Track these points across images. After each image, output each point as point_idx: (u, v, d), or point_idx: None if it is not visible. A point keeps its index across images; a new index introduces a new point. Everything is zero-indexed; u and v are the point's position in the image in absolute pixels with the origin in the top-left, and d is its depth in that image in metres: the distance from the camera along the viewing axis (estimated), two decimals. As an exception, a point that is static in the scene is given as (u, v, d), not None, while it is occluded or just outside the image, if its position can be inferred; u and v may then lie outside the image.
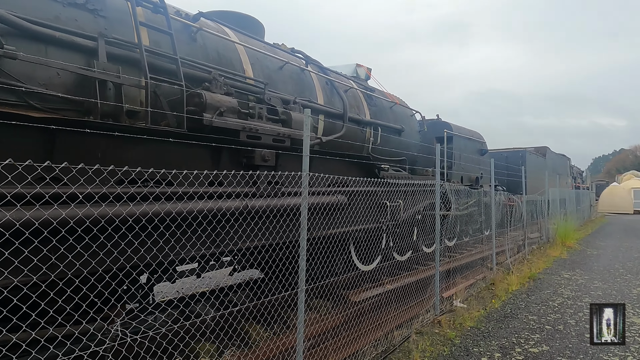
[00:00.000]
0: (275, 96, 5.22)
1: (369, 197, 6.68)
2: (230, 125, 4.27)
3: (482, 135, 13.69)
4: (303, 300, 3.53)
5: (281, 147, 4.97)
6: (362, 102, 7.37)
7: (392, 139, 8.01)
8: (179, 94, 4.13)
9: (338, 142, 6.52)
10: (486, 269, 8.50)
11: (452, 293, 6.86)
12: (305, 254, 3.53)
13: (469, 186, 11.43)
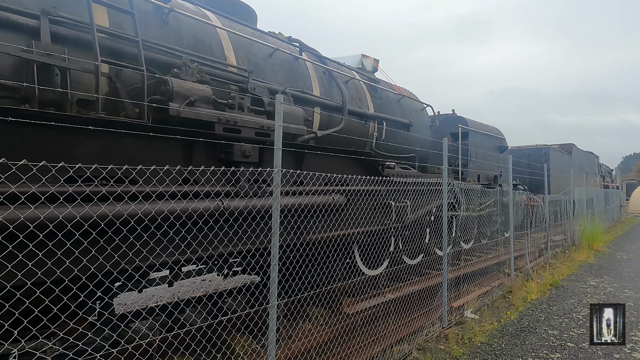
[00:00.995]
0: (261, 86, 4.74)
1: (371, 197, 6.13)
2: (203, 116, 3.81)
3: (502, 132, 12.91)
4: (274, 317, 3.03)
5: (266, 142, 4.49)
6: (365, 94, 6.82)
7: (400, 134, 7.43)
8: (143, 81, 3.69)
9: (336, 137, 5.99)
10: (503, 275, 7.82)
11: (463, 302, 6.25)
12: (277, 264, 3.03)
13: (487, 185, 10.72)
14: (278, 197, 3.05)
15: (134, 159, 3.35)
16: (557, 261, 10.29)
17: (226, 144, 4.12)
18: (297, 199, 4.76)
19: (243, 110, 4.31)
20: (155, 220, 3.32)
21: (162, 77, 3.61)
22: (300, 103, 5.35)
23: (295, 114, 4.82)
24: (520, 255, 9.25)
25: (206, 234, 3.78)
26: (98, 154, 3.15)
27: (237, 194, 4.13)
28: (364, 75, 7.23)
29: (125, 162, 2.97)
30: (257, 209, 4.19)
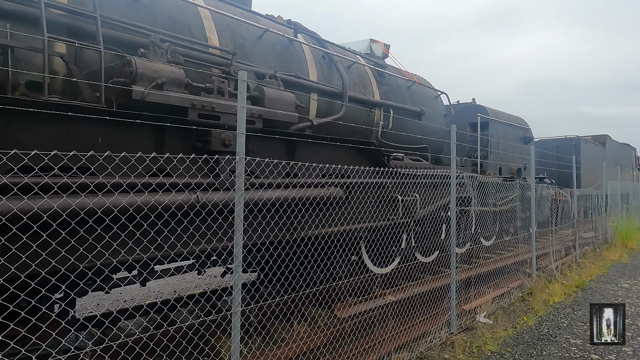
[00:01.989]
0: (246, 69, 4.36)
1: (375, 190, 5.68)
2: (173, 100, 3.46)
3: (528, 122, 12.13)
4: (238, 326, 2.66)
5: (250, 130, 4.11)
6: (370, 80, 6.34)
7: (409, 123, 6.92)
8: (108, 62, 3.38)
9: (337, 126, 5.56)
10: (523, 275, 7.22)
11: (476, 305, 5.73)
12: (240, 266, 2.65)
13: (509, 179, 10.04)
14: (242, 188, 2.66)
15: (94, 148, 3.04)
16: (586, 260, 9.54)
17: (204, 132, 3.78)
18: (288, 192, 4.38)
19: (223, 95, 3.95)
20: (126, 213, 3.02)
21: (125, 56, 3.28)
22: (294, 88, 4.94)
23: (285, 99, 4.43)
24: (545, 253, 8.59)
25: (184, 229, 3.46)
26: (48, 142, 2.85)
27: (218, 187, 3.79)
28: (370, 60, 6.75)
29: (82, 152, 2.65)
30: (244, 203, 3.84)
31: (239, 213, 2.65)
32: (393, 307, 4.81)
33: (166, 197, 3.28)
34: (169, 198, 3.35)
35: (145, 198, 3.19)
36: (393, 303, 4.77)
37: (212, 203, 3.63)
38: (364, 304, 4.46)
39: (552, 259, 8.04)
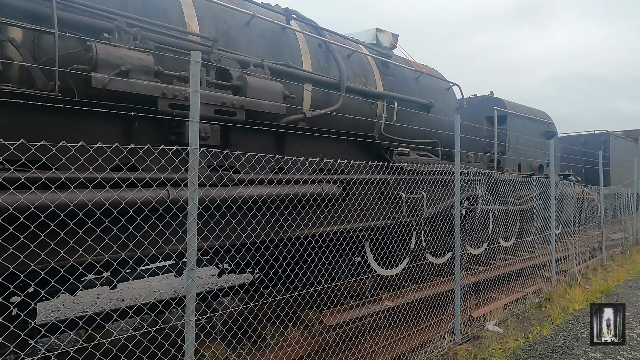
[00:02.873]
0: (228, 57, 4.07)
1: (376, 187, 5.32)
2: (139, 88, 3.20)
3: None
4: (192, 337, 2.37)
5: (231, 121, 3.83)
6: (372, 70, 5.96)
7: (417, 116, 6.51)
8: (70, 48, 3.15)
9: (334, 118, 5.22)
10: (541, 279, 6.70)
11: (486, 312, 5.29)
12: (194, 271, 2.36)
13: (530, 175, 9.44)
14: (194, 183, 2.37)
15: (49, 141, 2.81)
16: (613, 263, 8.89)
17: (177, 123, 3.50)
18: (272, 188, 4.07)
19: (201, 84, 3.66)
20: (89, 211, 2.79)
21: (86, 40, 3.03)
22: (285, 78, 4.63)
23: (271, 89, 4.12)
24: (566, 255, 8.00)
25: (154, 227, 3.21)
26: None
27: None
28: (374, 50, 6.37)
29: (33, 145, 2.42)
30: (221, 199, 3.57)
31: (192, 211, 2.36)
32: (390, 314, 4.44)
33: (130, 192, 3.03)
34: (134, 193, 3.09)
35: (106, 194, 2.95)
36: (390, 309, 4.40)
37: (184, 199, 3.36)
38: (356, 310, 4.11)
39: (574, 262, 7.47)
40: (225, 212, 3.65)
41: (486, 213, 8.60)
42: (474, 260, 8.37)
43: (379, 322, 4.21)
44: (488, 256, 8.66)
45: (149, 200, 3.20)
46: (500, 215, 9.29)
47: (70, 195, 2.79)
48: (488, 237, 8.93)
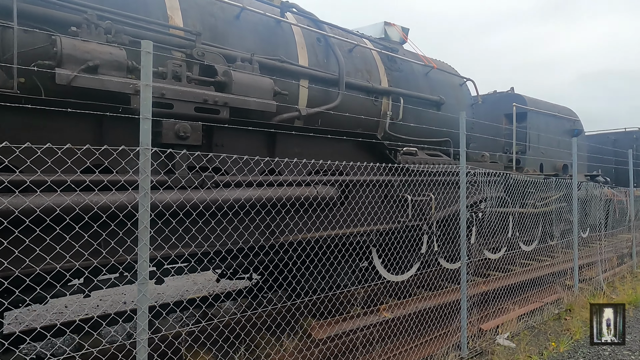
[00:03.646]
0: (213, 52, 3.85)
1: (378, 189, 5.01)
2: (109, 85, 3.01)
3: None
4: (144, 357, 2.14)
5: (215, 119, 3.61)
6: (376, 65, 5.64)
7: (426, 114, 6.14)
8: (38, 43, 2.99)
9: (333, 117, 4.94)
10: (562, 288, 6.23)
11: (498, 324, 4.90)
12: (145, 284, 2.13)
13: (553, 176, 8.89)
14: (146, 187, 2.14)
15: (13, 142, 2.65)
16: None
17: (155, 123, 3.29)
18: (265, 191, 3.83)
19: (180, 81, 3.46)
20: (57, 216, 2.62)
21: (50, 34, 2.86)
22: (278, 74, 4.39)
23: (259, 85, 3.87)
24: (592, 262, 7.45)
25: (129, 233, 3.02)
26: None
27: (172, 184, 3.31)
28: (379, 44, 6.04)
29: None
30: (204, 203, 3.35)
31: (143, 218, 2.13)
32: (390, 326, 4.12)
33: (103, 196, 2.84)
34: (108, 197, 2.90)
35: (76, 197, 2.77)
36: (389, 321, 4.08)
37: (163, 204, 3.15)
38: (350, 322, 3.81)
39: (600, 269, 6.93)
40: (209, 218, 3.45)
41: (505, 216, 8.14)
42: (491, 266, 7.93)
43: (376, 335, 3.90)
44: (507, 261, 8.20)
45: (123, 205, 3.01)
46: (521, 218, 8.80)
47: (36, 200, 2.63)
48: (507, 241, 8.46)
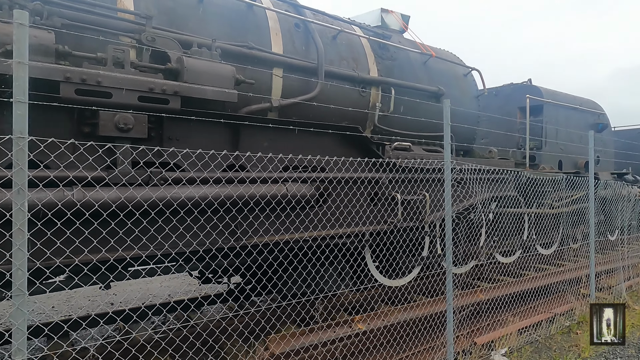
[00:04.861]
0: (166, 36, 3.54)
1: (362, 187, 4.59)
2: (32, 71, 2.72)
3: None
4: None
5: (163, 110, 3.29)
6: (365, 53, 5.21)
7: (422, 106, 5.66)
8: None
9: (313, 109, 4.55)
10: (575, 298, 5.62)
11: (495, 337, 4.39)
12: (22, 295, 1.82)
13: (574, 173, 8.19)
14: (20, 183, 1.82)
15: None
16: (676, 278, 7.46)
17: (92, 113, 3.02)
18: (224, 189, 3.50)
19: (123, 67, 3.15)
20: None
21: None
22: (246, 62, 4.05)
23: (216, 72, 3.53)
24: (610, 269, 6.77)
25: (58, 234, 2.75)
26: None
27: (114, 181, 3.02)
28: (370, 31, 5.60)
29: None
30: (150, 202, 3.05)
31: (17, 218, 1.81)
32: (368, 338, 3.70)
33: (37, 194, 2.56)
34: (34, 195, 2.63)
35: None
36: (364, 333, 3.65)
37: (100, 203, 2.86)
38: (314, 335, 3.41)
39: (621, 277, 6.26)
40: (155, 217, 3.13)
41: (518, 217, 7.54)
42: (504, 270, 7.34)
43: (344, 350, 3.49)
44: (521, 266, 7.59)
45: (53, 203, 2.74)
46: (538, 219, 8.15)
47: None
48: (522, 244, 7.84)
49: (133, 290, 7.69)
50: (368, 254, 5.66)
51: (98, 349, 3.83)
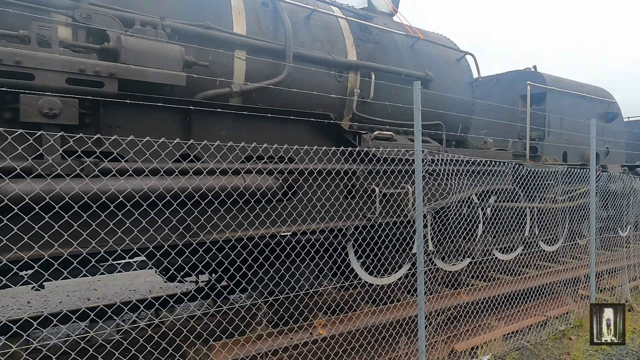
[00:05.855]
0: (107, 14, 3.23)
1: (336, 180, 4.24)
2: None
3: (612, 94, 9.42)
4: None
5: (98, 94, 2.99)
6: (342, 35, 4.84)
7: (410, 93, 5.25)
8: None
9: (285, 95, 4.21)
10: (573, 299, 5.20)
11: (478, 343, 4.03)
12: None
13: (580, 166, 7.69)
14: None
15: None
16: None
17: (13, 97, 2.74)
18: (176, 181, 3.20)
19: (50, 47, 2.86)
20: None
21: None
22: (203, 43, 3.72)
23: (161, 53, 3.22)
24: (612, 269, 6.30)
25: None
26: None
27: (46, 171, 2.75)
28: (351, 12, 5.20)
29: None
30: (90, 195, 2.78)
31: None
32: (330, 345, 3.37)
33: None
34: None
35: None
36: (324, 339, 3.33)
37: (31, 196, 2.59)
38: (263, 343, 3.09)
39: (627, 277, 5.80)
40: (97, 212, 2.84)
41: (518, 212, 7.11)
42: (502, 268, 6.94)
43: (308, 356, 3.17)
44: (521, 263, 7.18)
45: None
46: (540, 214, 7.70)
47: None
48: (523, 240, 7.41)
49: (116, 285, 7.51)
50: (351, 251, 5.33)
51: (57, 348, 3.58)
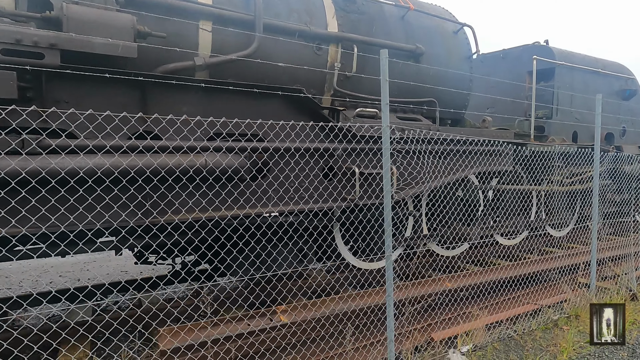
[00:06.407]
0: (50, -20, 3.02)
1: (311, 159, 4.01)
2: None
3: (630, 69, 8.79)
4: None
5: (38, 65, 2.81)
6: (322, 5, 4.52)
7: (399, 68, 4.94)
8: None
9: (258, 69, 3.97)
10: (571, 288, 4.88)
11: (454, 333, 3.79)
12: None
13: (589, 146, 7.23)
14: None
15: None
16: None
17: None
18: (125, 158, 3.03)
19: (-17, 15, 2.68)
20: None
21: None
22: (166, 12, 3.50)
23: (108, 22, 3.01)
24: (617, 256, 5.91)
25: None
26: None
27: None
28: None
29: None
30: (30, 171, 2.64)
31: None
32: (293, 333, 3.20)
33: None
34: None
35: None
36: (286, 327, 3.15)
37: None
38: (217, 329, 2.92)
39: (632, 264, 5.43)
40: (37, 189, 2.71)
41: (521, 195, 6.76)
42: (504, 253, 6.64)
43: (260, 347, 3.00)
44: (525, 248, 6.85)
45: None
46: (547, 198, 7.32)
47: None
48: (528, 224, 7.06)
49: (110, 265, 7.52)
50: (338, 234, 5.13)
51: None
